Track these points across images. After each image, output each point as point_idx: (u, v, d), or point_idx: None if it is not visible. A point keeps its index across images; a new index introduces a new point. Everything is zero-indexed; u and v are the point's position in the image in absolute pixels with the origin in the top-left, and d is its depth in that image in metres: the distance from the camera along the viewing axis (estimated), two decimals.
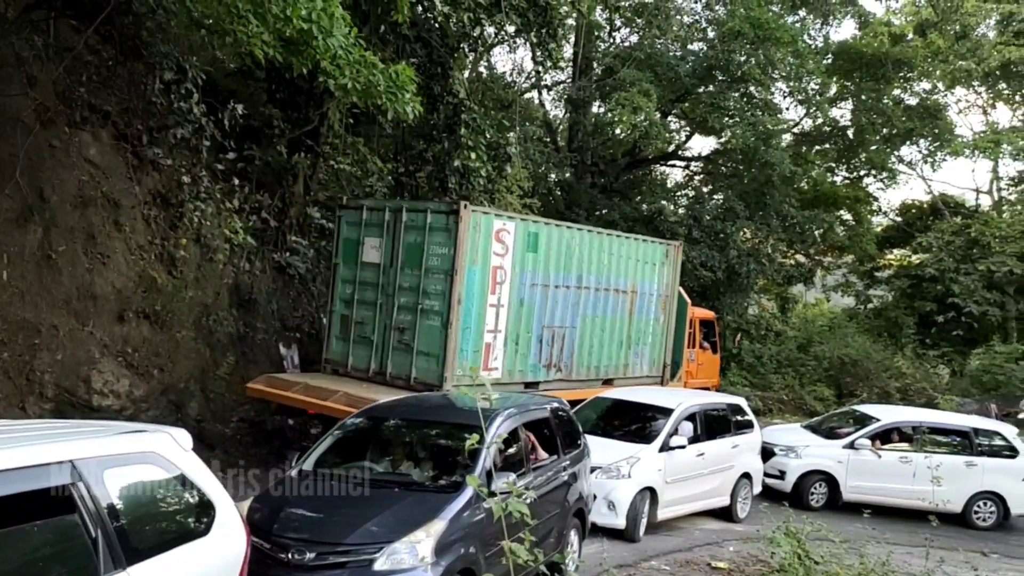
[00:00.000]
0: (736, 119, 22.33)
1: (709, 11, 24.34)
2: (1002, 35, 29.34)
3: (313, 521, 6.49)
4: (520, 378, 12.80)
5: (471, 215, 11.52)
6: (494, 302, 12.13)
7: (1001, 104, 33.27)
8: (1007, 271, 25.81)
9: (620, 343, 14.77)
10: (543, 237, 12.91)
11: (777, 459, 13.72)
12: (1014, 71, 29.07)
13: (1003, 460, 13.58)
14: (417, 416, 8.31)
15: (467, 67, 20.82)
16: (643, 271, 15.18)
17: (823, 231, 26.92)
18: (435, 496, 6.61)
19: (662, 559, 10.05)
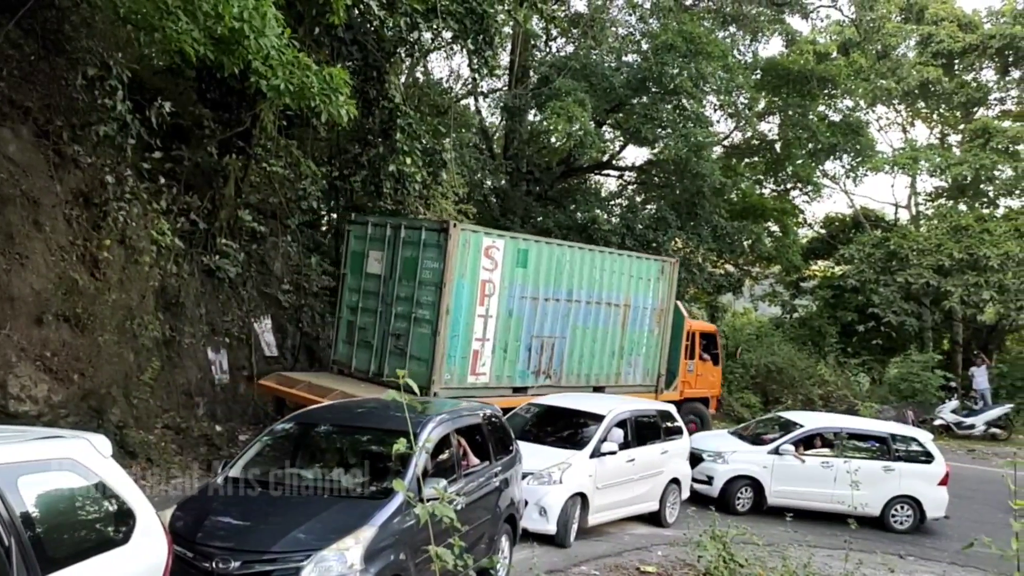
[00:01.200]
0: (668, 130, 22.71)
1: (643, 24, 24.73)
2: (921, 55, 30.58)
3: (238, 529, 6.36)
4: (508, 383, 13.82)
5: (460, 233, 12.68)
6: (482, 313, 13.19)
7: (919, 122, 34.66)
8: (923, 283, 26.79)
9: (612, 353, 15.72)
10: (533, 253, 13.97)
11: (705, 465, 13.95)
12: (932, 91, 30.30)
13: (919, 465, 14.01)
14: (348, 422, 8.22)
15: (403, 72, 20.74)
16: (637, 286, 16.06)
17: (751, 242, 27.53)
18: (365, 502, 6.55)
19: (592, 564, 10.13)
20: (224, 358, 14.15)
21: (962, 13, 31.77)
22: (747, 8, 25.47)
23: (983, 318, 29.40)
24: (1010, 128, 30.46)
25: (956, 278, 26.48)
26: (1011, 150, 29.91)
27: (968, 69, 31.49)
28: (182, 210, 13.43)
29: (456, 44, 19.47)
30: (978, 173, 28.82)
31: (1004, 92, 32.26)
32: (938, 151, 31.49)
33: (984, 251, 26.26)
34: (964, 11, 31.96)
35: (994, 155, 28.75)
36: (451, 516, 3.09)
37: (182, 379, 13.26)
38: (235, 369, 14.48)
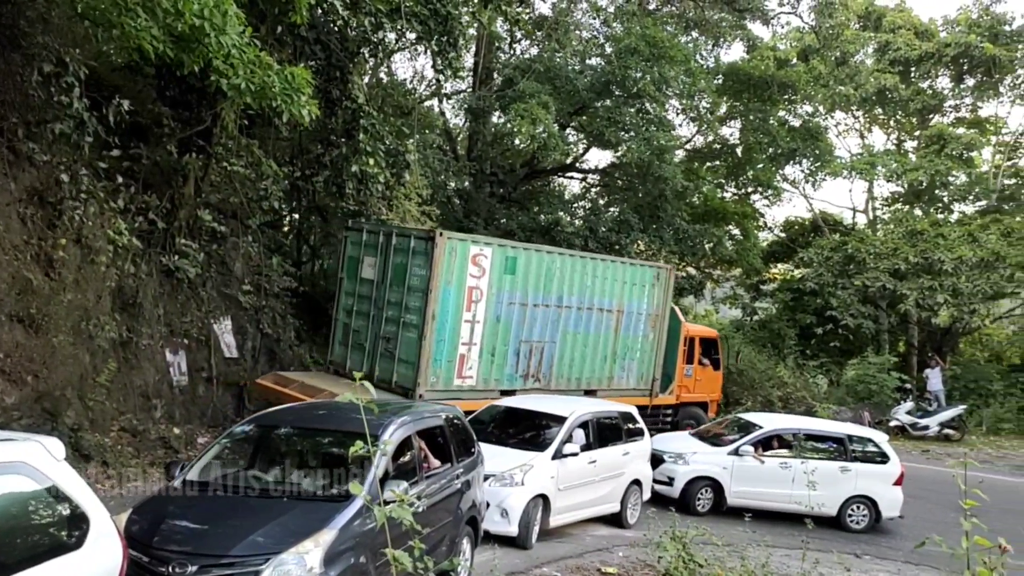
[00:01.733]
0: (631, 134, 22.85)
1: (607, 27, 24.83)
2: (879, 63, 31.18)
3: (196, 533, 6.28)
4: (496, 386, 14.23)
5: (446, 241, 13.18)
6: (469, 318, 13.68)
7: (876, 128, 35.34)
8: (880, 286, 27.29)
9: (604, 358, 16.11)
10: (521, 261, 14.43)
11: (666, 466, 14.05)
12: (889, 97, 30.89)
13: (875, 466, 14.24)
14: (308, 424, 8.16)
15: (367, 72, 20.62)
16: (630, 292, 16.42)
17: (713, 245, 27.80)
18: (325, 505, 6.50)
19: (553, 565, 10.16)
20: (183, 359, 13.96)
21: (919, 21, 32.46)
22: (709, 13, 25.75)
23: (937, 321, 30.01)
24: (964, 135, 31.21)
25: (911, 282, 27.01)
26: (965, 156, 30.66)
27: (924, 76, 32.17)
28: (140, 209, 13.22)
29: (420, 45, 19.41)
30: (933, 179, 29.48)
31: (958, 99, 33.03)
32: (894, 157, 32.13)
33: (938, 255, 26.82)
34: (921, 19, 32.67)
35: (948, 161, 29.43)
36: (410, 519, 3.07)
37: (139, 381, 13.05)
38: (194, 371, 14.29)
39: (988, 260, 26.81)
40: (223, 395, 14.76)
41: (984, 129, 33.34)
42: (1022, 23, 31.12)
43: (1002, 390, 27.47)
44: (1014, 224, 28.70)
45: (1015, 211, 31.05)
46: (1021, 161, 33.79)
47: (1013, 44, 30.74)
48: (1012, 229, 28.14)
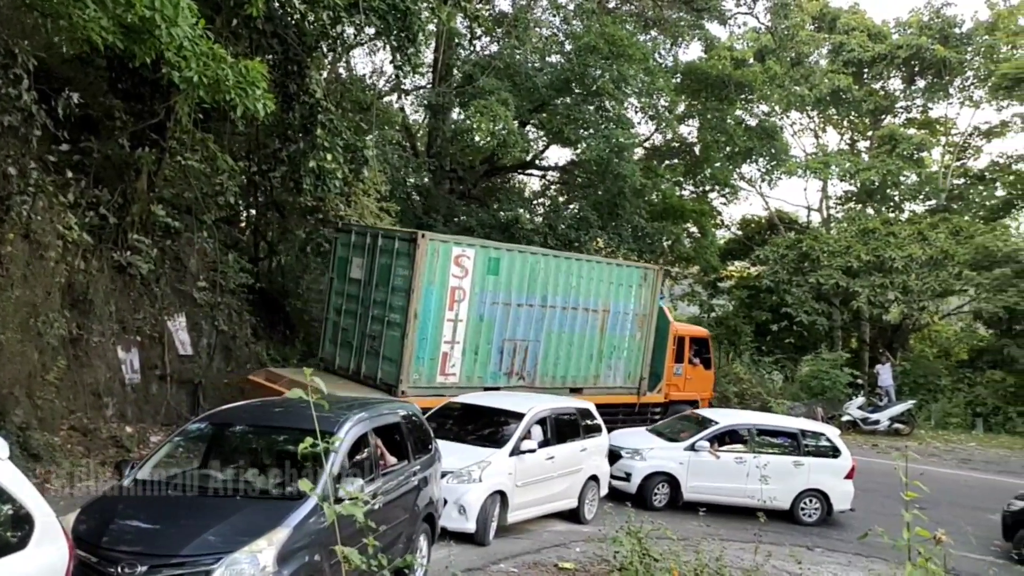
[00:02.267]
0: (591, 131, 22.95)
1: (566, 25, 24.91)
2: (833, 64, 31.70)
3: (146, 532, 6.18)
4: (479, 383, 14.49)
5: (428, 243, 13.57)
6: (451, 317, 14.01)
7: (831, 128, 35.91)
8: (833, 284, 27.78)
9: (590, 356, 16.38)
10: (505, 262, 14.72)
11: (623, 462, 14.16)
12: (843, 98, 31.43)
13: (827, 460, 14.50)
14: (264, 421, 8.07)
15: (325, 67, 20.43)
16: (616, 292, 16.69)
17: (671, 242, 28.08)
18: (279, 503, 6.43)
19: (510, 562, 10.18)
20: (135, 357, 13.73)
21: (872, 23, 33.06)
22: (668, 13, 25.94)
23: (888, 318, 30.64)
24: (915, 136, 31.88)
25: (863, 279, 27.56)
26: (916, 157, 31.31)
27: (877, 78, 32.80)
28: (91, 204, 12.96)
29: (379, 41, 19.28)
30: (885, 178, 30.07)
31: (910, 101, 33.72)
32: (848, 157, 32.74)
33: (890, 253, 27.39)
34: (874, 22, 33.28)
35: (900, 161, 30.05)
36: (360, 516, 3.06)
37: (90, 379, 12.80)
38: (147, 368, 14.06)
39: (937, 258, 27.47)
40: (177, 393, 14.55)
41: (934, 130, 34.09)
42: (971, 26, 31.84)
43: (950, 385, 28.16)
44: (962, 223, 29.42)
45: (963, 210, 31.81)
46: (970, 162, 34.62)
47: (963, 47, 31.47)
48: (960, 228, 28.85)
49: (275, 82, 14.09)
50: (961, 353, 30.96)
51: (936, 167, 33.66)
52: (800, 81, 28.82)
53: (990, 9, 31.80)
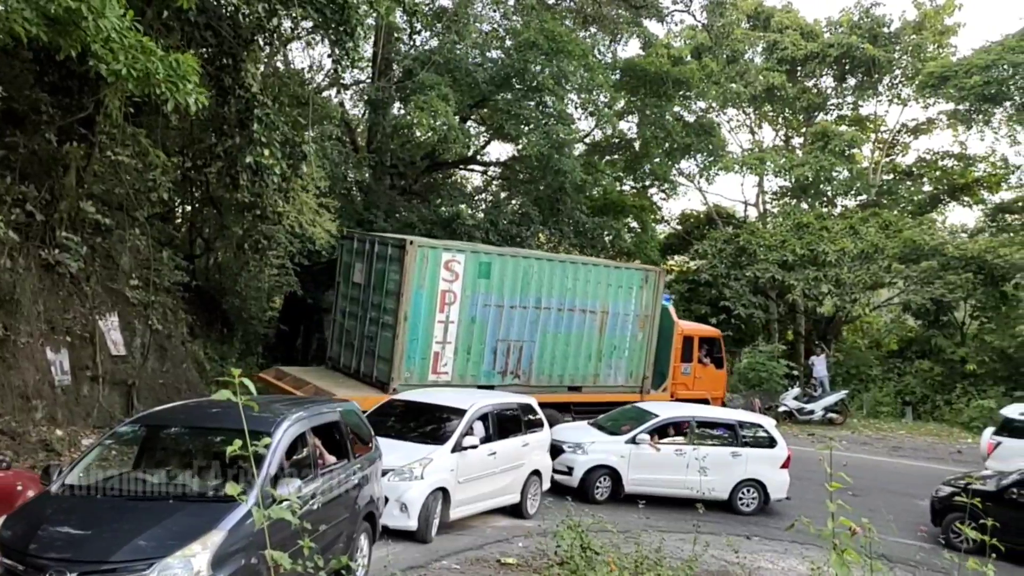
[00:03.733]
0: (531, 127, 22.99)
1: (506, 21, 24.91)
2: (767, 62, 32.32)
3: (75, 538, 6.02)
4: (472, 382, 15.20)
5: (417, 249, 14.37)
6: (442, 319, 14.74)
7: (766, 124, 36.64)
8: (770, 277, 28.38)
9: (589, 356, 16.94)
10: (496, 266, 15.40)
11: (565, 456, 14.26)
12: (777, 95, 32.08)
13: (764, 450, 14.81)
14: (199, 422, 7.90)
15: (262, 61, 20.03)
16: (616, 294, 17.24)
17: (612, 237, 28.28)
18: (214, 506, 6.31)
19: (453, 558, 10.18)
20: (65, 358, 13.32)
21: (804, 22, 33.79)
22: (606, 10, 26.09)
23: (822, 310, 31.43)
24: (846, 132, 32.71)
25: (798, 273, 28.22)
26: (847, 153, 32.13)
27: (809, 75, 33.56)
28: (17, 201, 12.53)
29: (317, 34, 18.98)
30: (818, 174, 30.79)
31: (841, 98, 34.58)
32: (783, 153, 33.44)
33: (823, 247, 28.10)
34: (806, 20, 34.02)
35: (832, 157, 30.80)
36: (290, 518, 3.03)
37: (18, 381, 12.39)
38: (78, 369, 13.66)
39: (868, 252, 28.27)
40: (110, 394, 14.17)
41: (864, 127, 35.04)
42: (899, 25, 32.78)
43: (880, 375, 29.01)
44: (891, 218, 30.31)
45: (892, 205, 32.76)
46: (898, 158, 35.67)
47: (891, 46, 32.41)
48: (889, 222, 29.72)
49: (209, 76, 13.78)
50: (891, 344, 31.90)
51: (866, 163, 34.62)
52: (736, 78, 29.32)
53: (917, 9, 32.79)
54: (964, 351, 27.71)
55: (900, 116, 34.94)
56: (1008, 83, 28.74)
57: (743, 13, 31.48)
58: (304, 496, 6.75)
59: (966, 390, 26.75)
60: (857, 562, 3.68)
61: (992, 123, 31.36)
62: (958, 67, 29.36)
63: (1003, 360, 26.50)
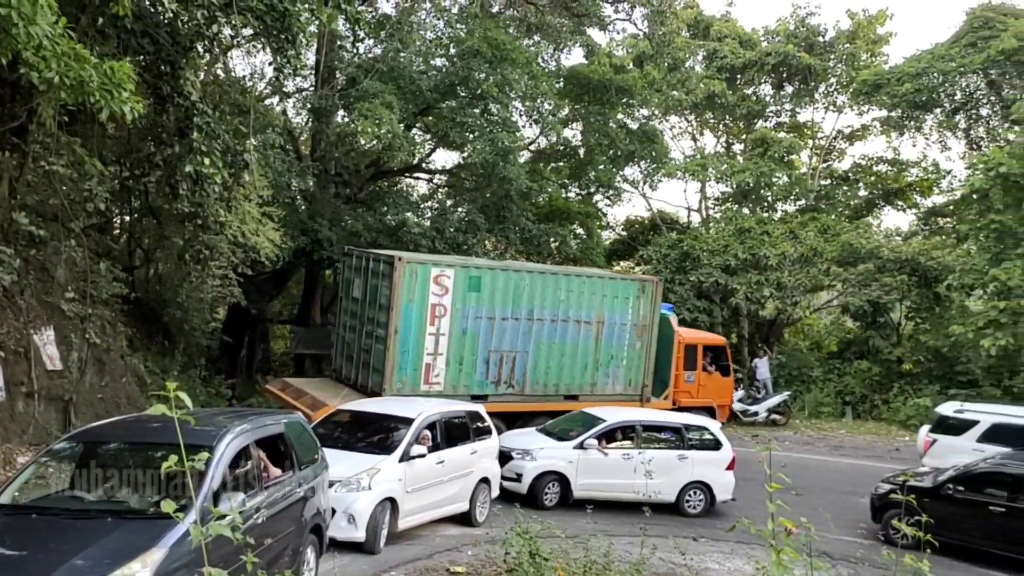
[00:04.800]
0: (476, 135, 23.04)
1: (450, 29, 24.92)
2: (707, 70, 32.90)
3: (10, 560, 5.83)
4: (465, 391, 15.77)
5: (406, 265, 14.96)
6: (433, 331, 15.33)
7: (708, 131, 37.24)
8: (713, 281, 28.84)
9: (585, 366, 17.31)
10: (487, 280, 15.93)
11: (514, 463, 14.29)
12: (718, 102, 32.64)
13: (709, 452, 15.02)
14: (139, 438, 7.74)
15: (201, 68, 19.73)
16: (612, 304, 17.56)
17: (558, 244, 28.46)
18: (156, 523, 6.17)
19: (402, 568, 10.13)
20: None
21: (743, 31, 34.48)
22: (549, 18, 26.28)
23: (764, 313, 31.98)
24: (784, 139, 33.42)
25: (741, 276, 28.73)
26: (786, 159, 32.82)
27: (748, 83, 34.23)
28: None
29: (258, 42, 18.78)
30: (758, 180, 31.41)
31: (779, 105, 35.34)
32: (724, 159, 34.02)
33: (764, 251, 28.66)
34: (745, 29, 34.69)
35: (771, 163, 31.45)
36: (228, 534, 2.99)
37: None
38: (12, 385, 13.23)
39: (807, 255, 28.91)
40: (46, 411, 13.76)
41: (802, 133, 35.84)
42: (834, 35, 33.66)
43: (821, 376, 29.64)
44: (829, 222, 31.05)
45: (830, 210, 33.55)
46: (835, 163, 36.58)
47: (826, 54, 33.26)
48: (827, 226, 30.44)
49: (147, 83, 13.53)
50: (831, 345, 32.61)
51: (805, 169, 35.39)
52: (677, 86, 29.78)
53: (851, 19, 33.68)
54: (900, 351, 28.48)
55: (836, 123, 35.72)
56: (938, 90, 29.71)
57: (683, 22, 31.93)
58: (248, 510, 6.65)
59: (903, 389, 27.47)
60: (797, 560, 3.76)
61: (923, 129, 32.38)
62: (890, 75, 30.26)
63: (937, 359, 27.30)
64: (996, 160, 22.08)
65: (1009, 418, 15.88)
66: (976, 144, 31.41)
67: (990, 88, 29.58)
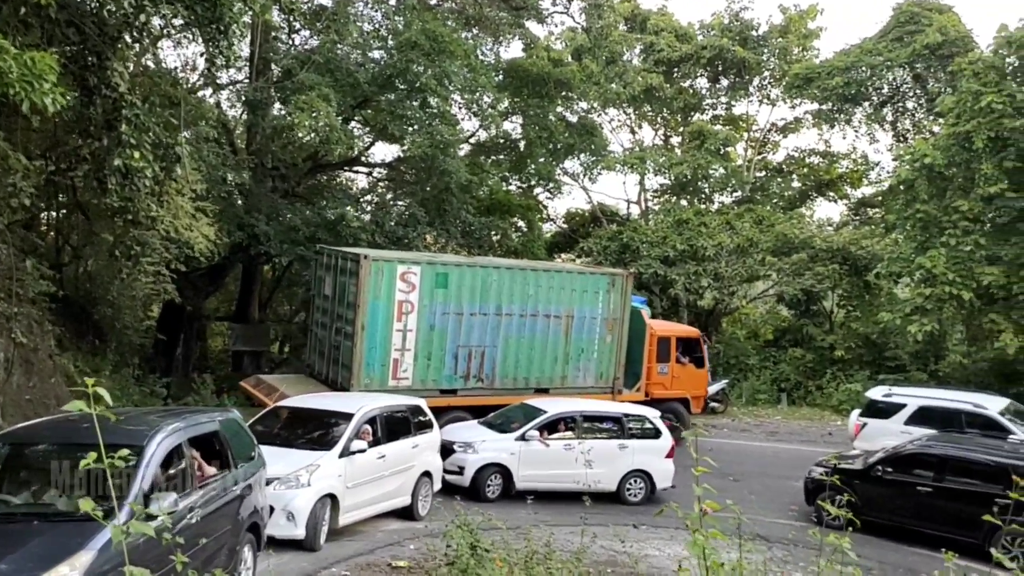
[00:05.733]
0: (415, 128, 22.88)
1: (387, 20, 24.69)
2: (645, 63, 33.25)
3: None
4: (434, 386, 16.11)
5: (371, 263, 15.21)
6: (400, 328, 15.59)
7: (646, 124, 37.65)
8: (652, 272, 29.20)
9: (555, 359, 17.55)
10: (454, 276, 16.17)
11: (456, 456, 14.30)
12: (655, 96, 33.02)
13: (649, 441, 15.23)
14: (66, 439, 7.50)
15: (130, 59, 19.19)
16: (581, 298, 17.77)
17: (499, 237, 28.48)
18: (85, 525, 5.99)
19: (343, 565, 10.07)
20: None
21: (679, 25, 34.93)
22: (487, 11, 26.23)
23: (703, 303, 32.54)
24: (720, 132, 34.01)
25: (680, 267, 29.17)
26: (722, 151, 33.42)
27: (685, 76, 34.70)
28: None
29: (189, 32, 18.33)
30: (696, 172, 31.92)
31: (715, 98, 35.93)
32: (662, 152, 34.45)
33: (702, 243, 29.13)
34: (681, 23, 35.14)
35: (708, 156, 31.99)
36: (151, 534, 2.94)
37: None
38: None
39: (743, 246, 29.49)
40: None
41: (738, 126, 36.53)
42: (767, 29, 34.31)
43: (758, 364, 30.29)
44: (764, 213, 31.71)
45: (765, 201, 34.27)
46: (769, 156, 37.35)
47: (760, 48, 33.89)
48: (763, 217, 31.09)
49: (73, 75, 13.12)
50: (767, 334, 33.33)
51: (740, 161, 36.06)
52: (615, 79, 30.02)
53: (782, 13, 34.39)
54: (833, 338, 29.26)
55: (770, 116, 36.65)
56: (866, 84, 30.56)
57: (620, 16, 32.23)
58: (181, 510, 6.54)
59: (835, 375, 28.23)
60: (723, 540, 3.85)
61: (853, 122, 33.28)
62: (821, 69, 31.00)
63: (867, 345, 28.12)
64: (921, 152, 22.80)
65: (934, 401, 16.45)
66: (902, 136, 32.40)
67: (915, 82, 30.53)
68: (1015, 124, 20.66)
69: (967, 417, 15.57)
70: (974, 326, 24.33)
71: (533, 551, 8.75)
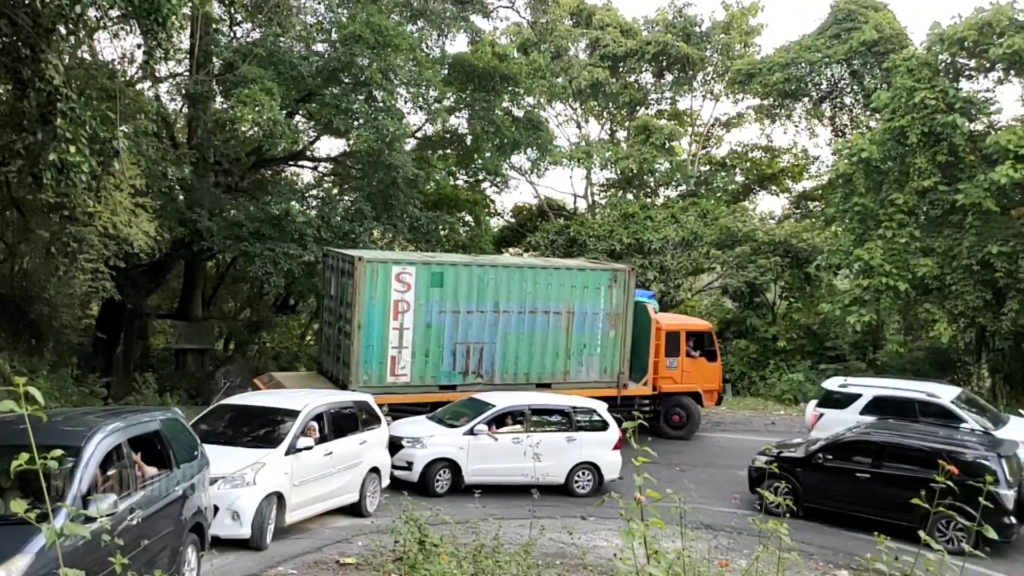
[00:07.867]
0: (361, 122, 22.69)
1: (331, 13, 24.41)
2: (591, 58, 33.46)
3: None
4: (433, 382, 16.74)
5: (366, 265, 15.81)
6: (396, 326, 16.15)
7: (592, 119, 37.92)
8: None
9: (556, 354, 17.88)
10: (449, 275, 16.69)
11: (405, 451, 14.25)
12: (601, 90, 33.27)
13: (597, 433, 15.32)
14: (2, 441, 7.32)
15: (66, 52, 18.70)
16: (582, 294, 18.06)
17: (447, 231, 28.41)
18: (20, 528, 5.83)
19: (290, 563, 9.99)
20: None
21: (624, 20, 35.24)
22: (433, 4, 26.12)
23: None
24: (665, 126, 34.41)
25: (626, 261, 29.37)
26: (667, 146, 33.82)
27: (630, 72, 35.03)
28: None
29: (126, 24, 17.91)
30: (642, 166, 32.26)
31: (660, 93, 36.36)
32: (608, 146, 34.73)
33: (648, 236, 29.45)
34: (626, 19, 35.46)
35: (654, 150, 32.36)
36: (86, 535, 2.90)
37: None
38: None
39: (688, 239, 29.89)
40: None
41: (682, 121, 37.01)
42: (710, 25, 34.80)
43: None
44: (708, 206, 32.20)
45: (709, 195, 34.79)
46: (713, 150, 37.93)
47: (703, 44, 34.37)
48: (707, 211, 31.57)
49: (5, 67, 12.76)
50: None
51: (685, 155, 36.54)
52: (560, 73, 30.15)
53: (725, 10, 34.90)
54: (775, 329, 29.85)
55: (713, 111, 37.04)
56: (805, 80, 31.20)
57: (566, 11, 32.38)
58: (121, 512, 6.42)
59: (778, 365, 28.79)
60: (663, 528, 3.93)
61: (793, 117, 33.96)
62: (762, 65, 31.56)
63: (809, 336, 28.76)
64: (859, 147, 23.38)
65: (888, 391, 16.85)
66: (841, 131, 33.16)
67: (852, 78, 31.26)
68: (947, 120, 21.31)
69: (920, 406, 15.93)
70: (910, 316, 25.06)
71: (481, 544, 8.79)
